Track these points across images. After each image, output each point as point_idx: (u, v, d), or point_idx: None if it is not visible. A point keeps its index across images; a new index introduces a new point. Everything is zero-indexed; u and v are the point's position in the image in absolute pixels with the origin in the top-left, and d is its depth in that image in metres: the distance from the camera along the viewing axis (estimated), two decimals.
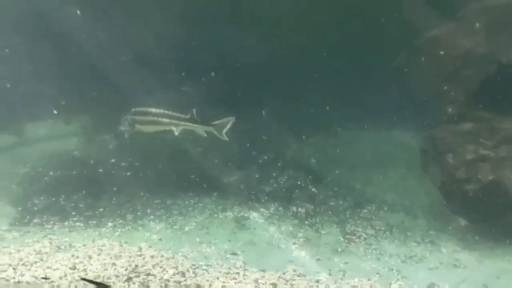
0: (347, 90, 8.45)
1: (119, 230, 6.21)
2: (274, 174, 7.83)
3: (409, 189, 7.40)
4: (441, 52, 6.85)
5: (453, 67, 6.85)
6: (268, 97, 8.64)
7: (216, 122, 6.18)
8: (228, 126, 6.18)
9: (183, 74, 7.78)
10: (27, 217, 6.40)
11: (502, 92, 6.47)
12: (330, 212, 6.81)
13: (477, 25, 6.71)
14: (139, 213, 6.63)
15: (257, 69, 7.95)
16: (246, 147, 8.55)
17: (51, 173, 7.61)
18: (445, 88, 6.78)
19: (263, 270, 5.26)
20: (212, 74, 8.07)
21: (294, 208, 6.89)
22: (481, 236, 6.15)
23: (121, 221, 6.44)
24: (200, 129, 6.18)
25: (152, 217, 6.59)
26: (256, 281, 4.99)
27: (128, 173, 7.61)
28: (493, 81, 6.53)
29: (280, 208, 6.91)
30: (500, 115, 6.51)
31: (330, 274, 5.27)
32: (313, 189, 7.39)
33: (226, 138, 6.19)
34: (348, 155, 8.41)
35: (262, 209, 6.87)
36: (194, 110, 6.09)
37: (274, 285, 4.93)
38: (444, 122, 6.79)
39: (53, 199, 6.87)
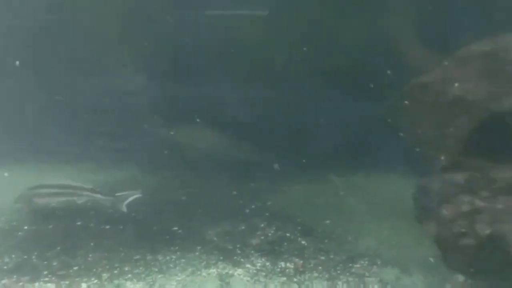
0: (337, 133, 8.24)
1: None
2: (262, 225, 7.43)
3: (404, 242, 6.98)
4: (430, 99, 6.65)
5: (444, 114, 6.61)
6: (253, 141, 8.46)
7: (119, 194, 7.11)
8: (131, 199, 7.12)
9: None
10: None
11: (497, 140, 6.21)
12: (320, 268, 6.38)
13: (467, 71, 6.54)
14: (115, 271, 6.19)
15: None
16: (233, 195, 8.24)
17: (25, 227, 7.22)
18: (437, 136, 6.53)
19: None
20: None
21: (283, 264, 6.47)
22: None
23: (96, 280, 5.99)
24: (102, 200, 7.11)
25: (129, 275, 6.13)
26: None
27: (107, 226, 7.25)
28: (487, 129, 6.28)
29: (268, 264, 6.48)
30: (496, 164, 6.21)
31: None
32: (303, 242, 6.99)
33: (125, 210, 7.09)
34: (339, 204, 8.05)
35: (248, 265, 6.44)
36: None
37: None
38: (438, 171, 6.49)
39: (25, 257, 6.44)
